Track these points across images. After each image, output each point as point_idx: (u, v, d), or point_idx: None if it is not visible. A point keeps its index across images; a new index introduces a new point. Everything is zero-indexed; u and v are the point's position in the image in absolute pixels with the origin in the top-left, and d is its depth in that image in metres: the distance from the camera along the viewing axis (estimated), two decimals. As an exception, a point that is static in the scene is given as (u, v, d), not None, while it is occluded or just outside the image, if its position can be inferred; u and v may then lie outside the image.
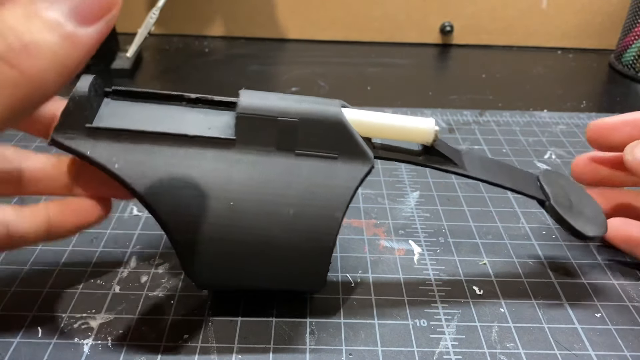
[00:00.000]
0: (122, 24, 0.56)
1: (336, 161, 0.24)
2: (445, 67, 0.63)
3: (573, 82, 0.58)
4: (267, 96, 0.24)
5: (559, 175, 0.30)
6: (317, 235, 0.23)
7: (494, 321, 0.27)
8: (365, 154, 0.24)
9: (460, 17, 0.65)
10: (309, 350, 0.25)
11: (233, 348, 0.25)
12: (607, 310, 0.28)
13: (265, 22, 0.66)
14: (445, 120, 0.47)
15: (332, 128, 0.24)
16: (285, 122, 0.23)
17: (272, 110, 0.23)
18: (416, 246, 0.32)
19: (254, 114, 0.23)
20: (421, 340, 0.26)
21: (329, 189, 0.24)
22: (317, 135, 0.24)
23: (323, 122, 0.23)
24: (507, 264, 0.31)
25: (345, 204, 0.24)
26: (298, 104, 0.24)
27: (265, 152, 0.24)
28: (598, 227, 0.27)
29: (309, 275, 0.25)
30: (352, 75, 0.58)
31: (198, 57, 0.61)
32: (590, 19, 0.65)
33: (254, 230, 0.23)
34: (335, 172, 0.24)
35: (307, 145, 0.24)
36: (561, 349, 0.25)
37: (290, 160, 0.24)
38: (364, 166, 0.24)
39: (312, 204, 0.23)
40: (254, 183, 0.23)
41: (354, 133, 0.24)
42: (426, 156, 0.26)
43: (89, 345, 0.25)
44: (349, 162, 0.24)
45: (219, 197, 0.23)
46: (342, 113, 0.24)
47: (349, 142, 0.24)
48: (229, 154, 0.23)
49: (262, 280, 0.25)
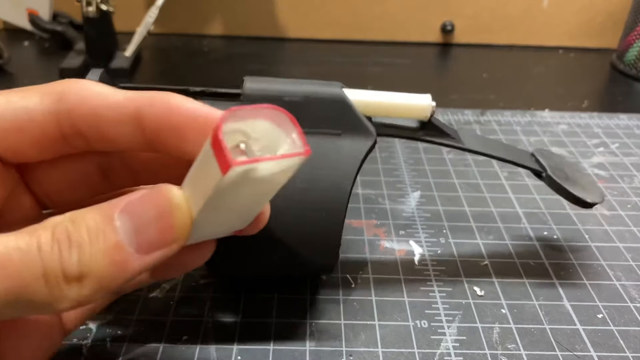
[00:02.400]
0: (121, 23, 0.56)
1: (340, 137, 0.25)
2: (446, 66, 0.62)
3: (574, 82, 0.58)
4: (270, 80, 0.25)
5: (551, 152, 0.31)
6: (328, 206, 0.24)
7: (495, 322, 0.27)
8: (368, 129, 0.25)
9: (461, 16, 0.65)
10: (309, 351, 0.25)
11: (233, 349, 0.25)
12: (608, 311, 0.27)
13: (265, 21, 0.66)
14: (447, 120, 0.47)
15: (335, 106, 0.25)
16: (290, 102, 0.24)
17: (277, 91, 0.24)
18: (417, 247, 0.31)
19: (260, 95, 0.24)
20: (422, 342, 0.25)
21: (336, 162, 0.24)
22: (320, 114, 0.25)
23: (326, 100, 0.25)
24: (509, 264, 0.30)
25: (353, 174, 0.24)
26: (300, 86, 0.25)
27: None
28: (596, 196, 0.28)
29: (321, 251, 0.25)
30: (352, 74, 0.57)
31: (197, 56, 0.61)
32: (591, 18, 0.65)
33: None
34: (340, 147, 0.25)
35: (311, 124, 0.24)
36: (563, 350, 0.25)
37: None
38: (367, 141, 0.25)
39: (320, 177, 0.24)
40: None
41: (356, 110, 0.25)
42: (424, 131, 0.27)
43: (88, 345, 0.25)
44: (352, 138, 0.25)
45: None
46: (343, 92, 0.25)
47: (351, 119, 0.25)
48: None
49: (276, 259, 0.25)
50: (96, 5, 0.51)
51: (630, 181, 0.39)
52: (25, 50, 0.60)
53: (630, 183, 0.38)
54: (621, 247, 0.32)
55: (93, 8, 0.51)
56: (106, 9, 0.52)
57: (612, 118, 0.48)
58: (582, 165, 0.40)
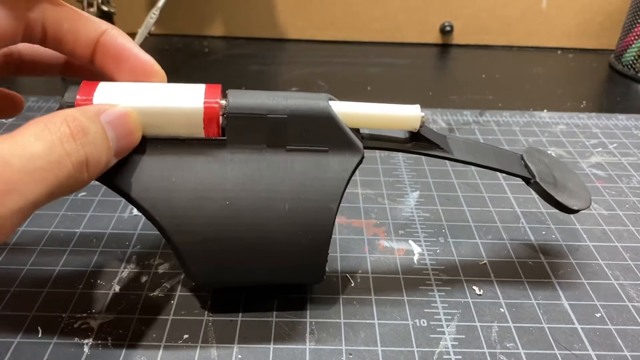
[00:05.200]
0: (122, 24, 0.56)
1: (327, 154, 0.24)
2: (445, 67, 0.63)
3: (573, 82, 0.58)
4: (254, 95, 0.24)
5: (541, 152, 0.31)
6: (314, 228, 0.24)
7: (493, 321, 0.27)
8: (355, 145, 0.24)
9: (460, 17, 0.65)
10: (308, 350, 0.25)
11: (233, 348, 0.25)
12: (607, 310, 0.28)
13: (265, 22, 0.66)
14: (445, 120, 0.47)
15: (321, 122, 0.24)
16: (274, 119, 0.24)
17: (261, 108, 0.23)
18: (416, 246, 0.32)
19: (243, 113, 0.23)
20: (421, 340, 0.26)
21: (322, 182, 0.24)
22: (306, 130, 0.24)
23: (312, 116, 0.24)
24: (507, 264, 0.31)
25: (339, 194, 0.24)
26: (286, 101, 0.24)
27: (257, 150, 0.24)
28: (582, 201, 0.29)
29: (308, 268, 0.25)
30: (352, 75, 0.58)
31: (198, 57, 0.61)
32: (590, 18, 0.65)
33: (251, 227, 0.23)
34: (327, 165, 0.24)
35: (297, 140, 0.24)
36: (561, 349, 0.25)
37: (281, 157, 0.24)
38: (354, 157, 0.24)
39: (306, 198, 0.24)
40: (248, 181, 0.23)
41: (343, 125, 0.24)
42: (413, 143, 0.26)
43: (89, 345, 0.25)
44: (339, 154, 0.24)
45: (215, 197, 0.23)
46: (329, 106, 0.24)
47: (338, 134, 0.24)
48: (221, 153, 0.24)
49: (262, 277, 0.25)
50: (97, 6, 0.51)
51: (629, 181, 0.39)
52: (25, 51, 0.60)
53: (629, 183, 0.38)
54: (619, 247, 0.32)
55: (94, 9, 0.51)
56: (107, 10, 0.52)
57: (611, 118, 0.48)
58: (579, 164, 0.40)
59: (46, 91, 0.49)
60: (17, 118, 0.44)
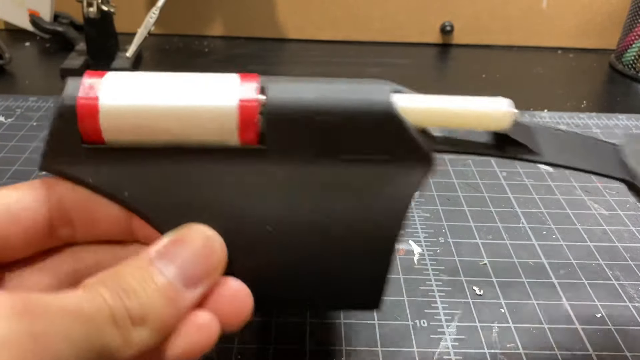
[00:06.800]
0: (121, 24, 0.56)
1: (388, 164, 0.19)
2: (446, 67, 0.63)
3: (573, 82, 0.58)
4: (298, 87, 0.19)
5: None
6: (372, 255, 0.20)
7: (494, 321, 0.27)
8: (423, 151, 0.19)
9: (460, 17, 0.65)
10: (308, 350, 0.25)
11: (233, 348, 0.25)
12: (607, 310, 0.28)
13: (265, 22, 0.66)
14: (446, 120, 0.47)
15: (382, 123, 0.19)
16: (323, 124, 0.19)
17: (307, 106, 0.18)
18: (416, 246, 0.32)
19: (287, 112, 0.18)
20: (421, 341, 0.26)
21: (382, 200, 0.19)
22: (364, 135, 0.19)
23: (371, 116, 0.19)
24: (507, 264, 0.30)
25: (403, 215, 0.20)
26: (338, 94, 0.19)
27: (303, 162, 0.19)
28: None
29: (363, 297, 0.21)
30: (352, 75, 0.57)
31: (198, 57, 0.61)
32: (590, 18, 0.65)
33: (299, 257, 0.20)
34: (388, 179, 0.19)
35: (352, 148, 0.19)
36: (561, 350, 0.25)
37: (334, 169, 0.19)
38: (422, 167, 0.19)
39: (364, 219, 0.19)
40: (295, 202, 0.19)
41: (409, 128, 0.19)
42: (498, 145, 0.21)
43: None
44: (404, 165, 0.19)
45: (254, 221, 0.19)
46: (393, 103, 0.19)
47: (403, 138, 0.19)
48: (261, 166, 0.19)
49: (311, 304, 0.22)
50: (97, 6, 0.51)
51: (629, 181, 0.39)
52: (26, 51, 0.60)
53: (629, 183, 0.38)
54: (620, 247, 0.32)
55: (94, 9, 0.51)
56: (107, 10, 0.52)
57: (611, 118, 0.48)
58: None
59: (46, 91, 0.49)
60: (17, 118, 0.44)
